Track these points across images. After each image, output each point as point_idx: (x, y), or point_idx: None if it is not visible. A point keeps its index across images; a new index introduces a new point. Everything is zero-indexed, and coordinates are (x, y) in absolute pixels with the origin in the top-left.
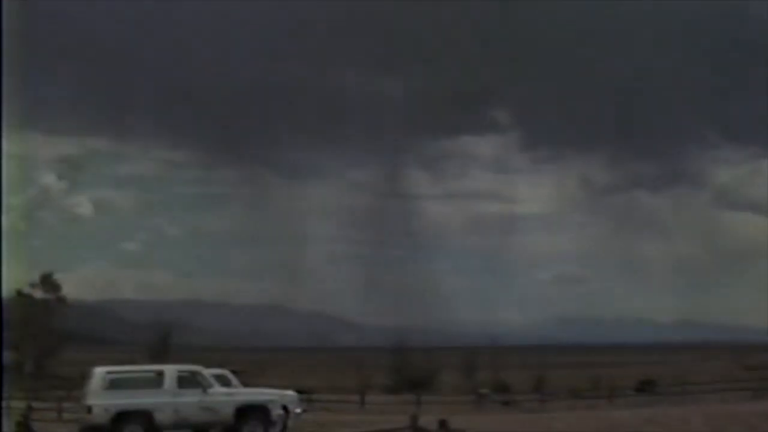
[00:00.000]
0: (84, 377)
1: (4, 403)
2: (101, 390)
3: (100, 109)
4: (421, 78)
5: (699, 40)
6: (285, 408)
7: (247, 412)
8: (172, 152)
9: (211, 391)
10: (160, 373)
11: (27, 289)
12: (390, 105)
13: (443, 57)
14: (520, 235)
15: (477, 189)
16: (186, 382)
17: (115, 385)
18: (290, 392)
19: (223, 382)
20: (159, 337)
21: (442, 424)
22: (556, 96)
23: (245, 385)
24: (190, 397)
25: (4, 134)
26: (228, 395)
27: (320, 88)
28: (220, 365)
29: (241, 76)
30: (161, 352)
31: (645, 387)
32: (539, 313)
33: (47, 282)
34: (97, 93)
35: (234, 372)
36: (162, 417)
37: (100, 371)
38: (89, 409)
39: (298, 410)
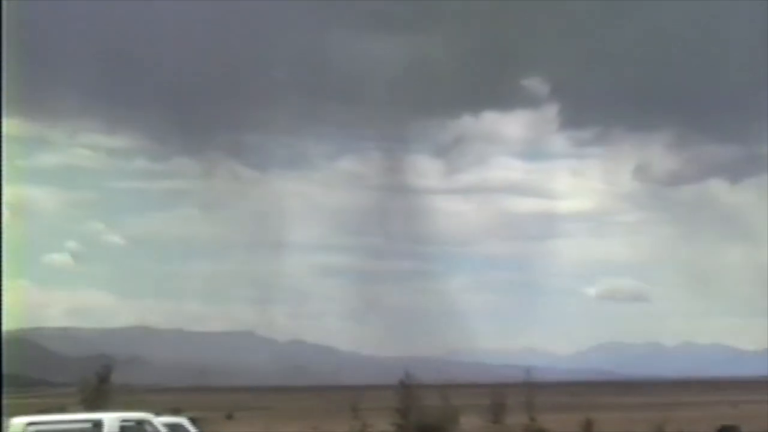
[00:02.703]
0: None
1: None
2: None
3: (12, 82)
4: (432, 38)
5: None
6: None
7: None
8: (111, 138)
9: None
10: (98, 424)
11: None
12: (391, 74)
13: (461, 12)
14: (560, 240)
15: (503, 181)
16: None
17: None
18: None
19: None
20: (97, 375)
21: None
22: (605, 61)
23: None
24: None
25: None
26: None
27: (301, 55)
28: (175, 410)
29: (200, 40)
30: (99, 395)
31: None
32: (585, 339)
33: None
34: (13, 63)
35: (193, 420)
36: None
37: (18, 423)
38: None
39: None
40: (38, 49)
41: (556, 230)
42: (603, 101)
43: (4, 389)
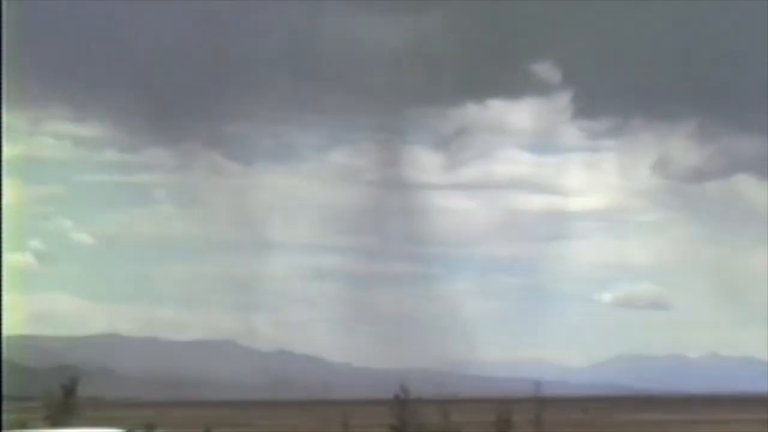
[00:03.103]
0: None
1: None
2: None
3: None
4: (432, 18)
5: None
6: None
7: None
8: (78, 126)
9: None
10: None
11: None
12: (388, 58)
13: None
14: (572, 241)
15: (510, 176)
16: None
17: None
18: None
19: None
20: (62, 388)
21: None
22: (622, 45)
23: None
24: None
25: None
26: None
27: (288, 36)
28: (148, 427)
29: (178, 20)
30: (65, 410)
31: None
32: (600, 351)
33: None
34: None
35: None
36: None
37: None
38: None
39: None
40: None
41: (567, 230)
42: (620, 89)
43: None
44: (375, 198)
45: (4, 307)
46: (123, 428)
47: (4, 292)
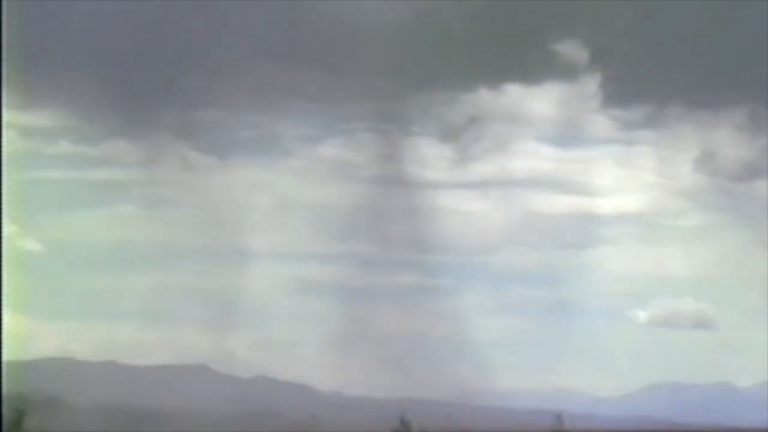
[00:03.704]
0: None
1: None
2: None
3: None
4: None
5: None
6: None
7: None
8: (26, 114)
9: None
10: None
11: None
12: (388, 35)
13: None
14: (602, 248)
15: (530, 173)
16: None
17: None
18: None
19: None
20: (6, 421)
21: None
22: (659, 21)
23: None
24: None
25: None
26: None
27: (271, 10)
28: None
29: None
30: None
31: None
32: (634, 378)
33: None
34: None
35: None
36: None
37: None
38: None
39: None
40: None
41: (596, 236)
42: (657, 71)
43: None
44: (372, 198)
45: None
46: None
47: None
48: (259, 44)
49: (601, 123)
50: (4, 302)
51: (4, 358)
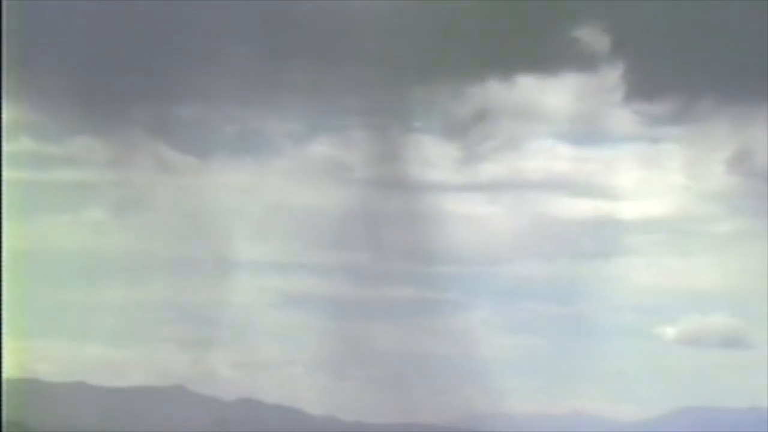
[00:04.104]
0: None
1: None
2: None
3: None
4: None
5: None
6: None
7: None
8: None
9: None
10: None
11: None
12: (386, 22)
13: None
14: (625, 258)
15: (544, 174)
16: None
17: None
18: None
19: None
20: None
21: None
22: (688, 6)
23: None
24: None
25: None
26: None
27: None
28: None
29: None
30: None
31: None
32: (661, 401)
33: None
34: None
35: None
36: None
37: None
38: None
39: None
40: None
41: (619, 245)
42: (686, 61)
43: None
44: (368, 202)
45: None
46: None
47: None
48: (243, 31)
49: (623, 118)
50: None
51: None
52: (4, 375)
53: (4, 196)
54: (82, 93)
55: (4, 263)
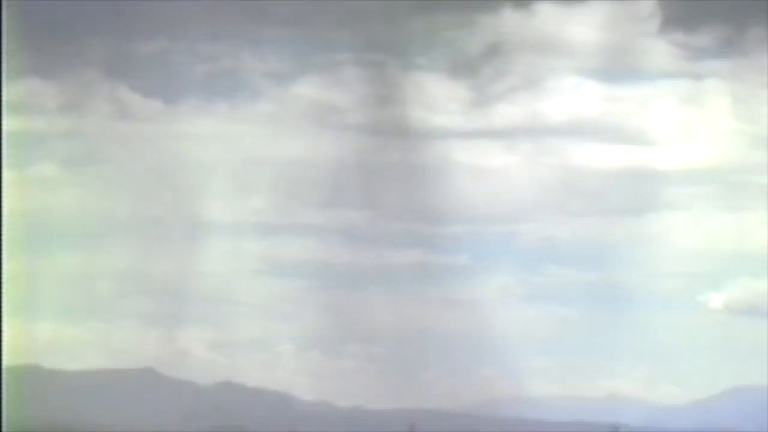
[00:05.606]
0: None
1: None
2: None
3: None
4: None
5: None
6: None
7: None
8: None
9: None
10: None
11: None
12: None
13: None
14: (663, 215)
15: (569, 117)
16: None
17: None
18: None
19: None
20: None
21: None
22: None
23: None
24: None
25: None
26: None
27: None
28: None
29: None
30: None
31: None
32: (707, 381)
33: None
34: None
35: None
36: None
37: None
38: None
39: None
40: None
41: (656, 199)
42: None
43: None
44: (364, 152)
45: None
46: None
47: None
48: None
49: (660, 51)
50: None
51: None
52: None
53: None
54: (28, 27)
55: None
